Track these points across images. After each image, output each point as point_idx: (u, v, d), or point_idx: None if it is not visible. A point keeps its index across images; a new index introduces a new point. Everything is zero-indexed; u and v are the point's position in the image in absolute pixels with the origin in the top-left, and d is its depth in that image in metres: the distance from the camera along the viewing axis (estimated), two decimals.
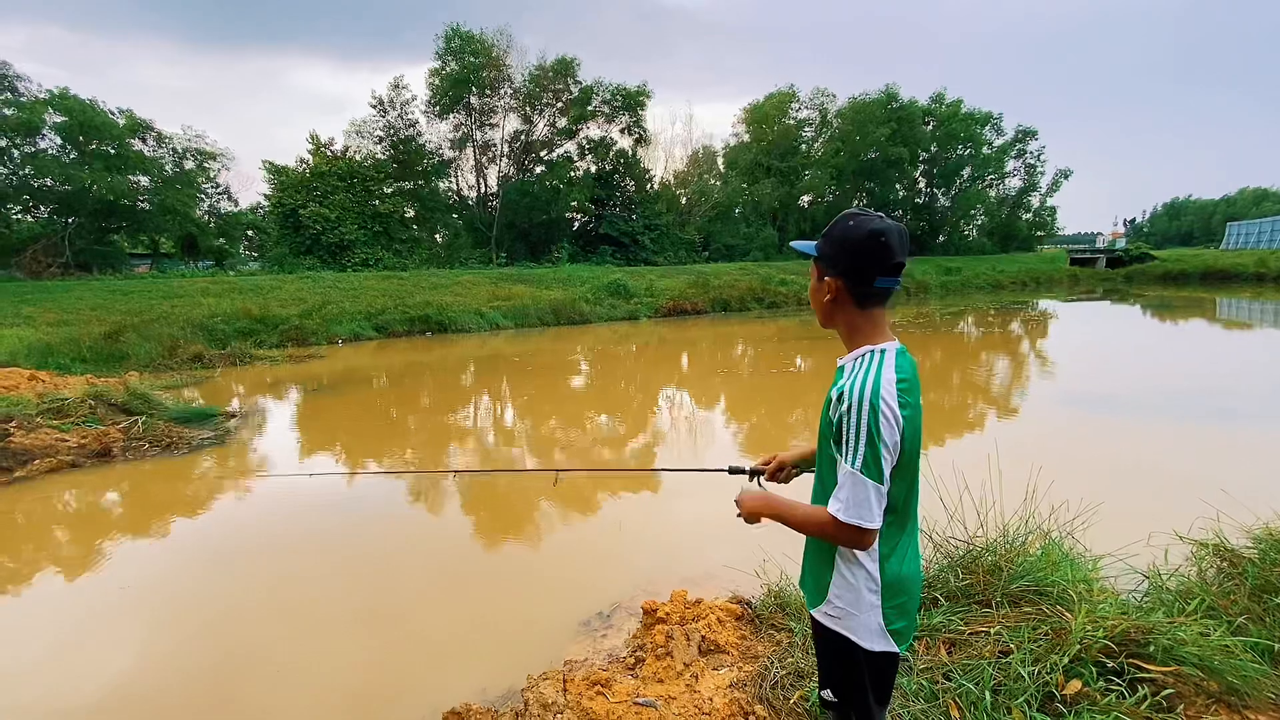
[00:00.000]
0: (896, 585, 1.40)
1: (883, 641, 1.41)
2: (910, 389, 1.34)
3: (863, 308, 1.39)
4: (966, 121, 40.47)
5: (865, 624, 1.40)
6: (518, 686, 2.71)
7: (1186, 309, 22.00)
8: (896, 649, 1.43)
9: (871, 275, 1.34)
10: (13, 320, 13.79)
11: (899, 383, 1.31)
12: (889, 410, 1.28)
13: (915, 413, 1.35)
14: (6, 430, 6.49)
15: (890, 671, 1.49)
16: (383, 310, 17.37)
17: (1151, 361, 12.18)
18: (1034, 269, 37.66)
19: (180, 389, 9.82)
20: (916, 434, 1.37)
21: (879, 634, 1.40)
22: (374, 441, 7.59)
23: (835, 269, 1.38)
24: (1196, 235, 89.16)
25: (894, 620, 1.41)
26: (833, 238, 1.38)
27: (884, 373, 1.32)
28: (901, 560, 1.41)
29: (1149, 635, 2.18)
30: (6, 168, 21.30)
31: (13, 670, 3.18)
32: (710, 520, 4.67)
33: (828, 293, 1.40)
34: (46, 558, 4.53)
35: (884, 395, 1.28)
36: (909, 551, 1.44)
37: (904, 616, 1.43)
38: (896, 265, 1.33)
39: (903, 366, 1.36)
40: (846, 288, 1.37)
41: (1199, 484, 3.79)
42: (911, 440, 1.35)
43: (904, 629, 1.43)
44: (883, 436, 1.27)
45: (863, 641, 1.41)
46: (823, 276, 1.41)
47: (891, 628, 1.41)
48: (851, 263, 1.34)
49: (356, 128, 26.74)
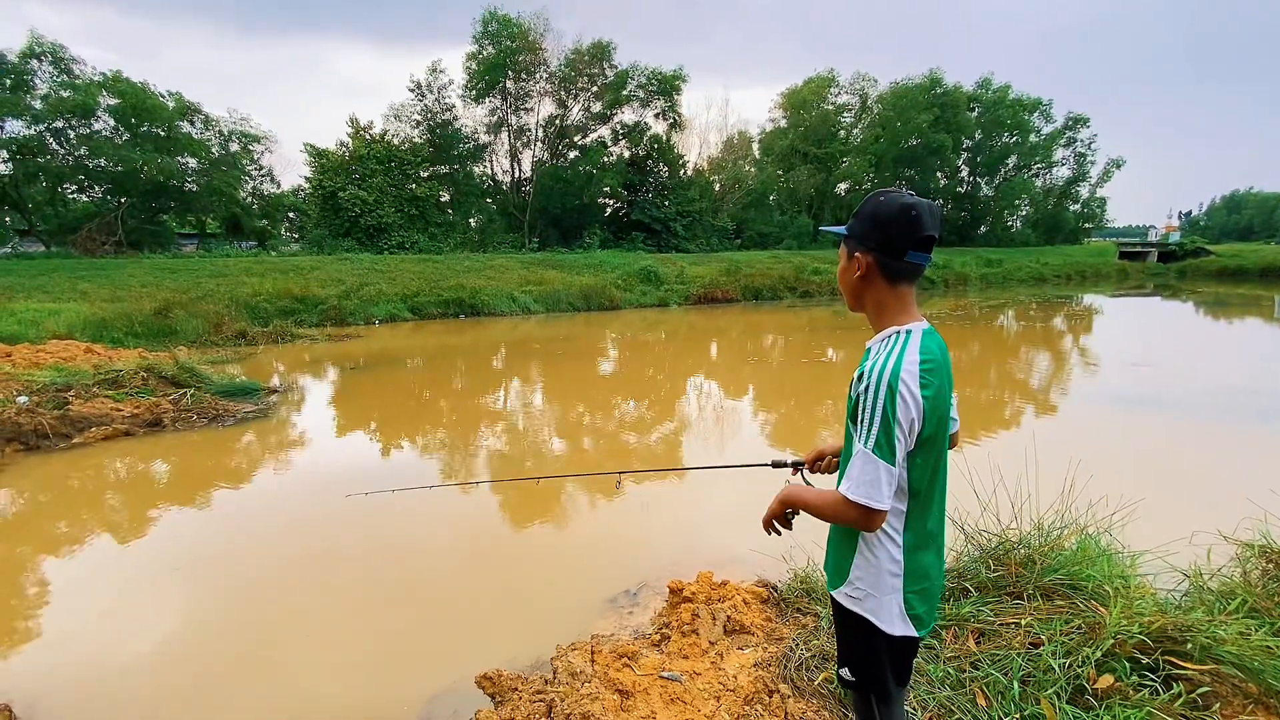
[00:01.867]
0: (919, 570, 1.39)
1: (903, 626, 1.40)
2: (935, 370, 1.32)
3: (893, 284, 1.38)
4: (1014, 108, 39.03)
5: (886, 607, 1.40)
6: (546, 656, 2.79)
7: (1242, 306, 21.03)
8: (917, 634, 1.42)
9: (903, 248, 1.33)
10: (70, 295, 14.44)
11: (923, 364, 1.30)
12: (908, 392, 1.27)
13: (940, 394, 1.33)
14: (65, 399, 6.84)
15: (909, 655, 1.49)
16: (418, 292, 17.69)
17: (1202, 360, 11.71)
18: (1080, 262, 36.38)
19: (224, 364, 10.18)
20: (942, 415, 1.35)
21: (899, 618, 1.40)
22: (410, 421, 7.78)
23: (867, 245, 1.37)
24: (1257, 229, 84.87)
25: (915, 605, 1.40)
26: (864, 215, 1.38)
27: (907, 354, 1.31)
28: (925, 546, 1.40)
29: (1187, 633, 2.14)
30: (64, 148, 22.17)
31: (69, 627, 3.38)
32: (737, 506, 4.69)
33: (858, 269, 1.39)
34: (100, 521, 4.78)
35: (904, 377, 1.27)
36: (933, 537, 1.43)
37: (926, 601, 1.42)
38: (927, 238, 1.33)
39: (929, 347, 1.34)
40: (877, 263, 1.36)
41: (1246, 485, 3.66)
42: (935, 422, 1.33)
43: (925, 614, 1.42)
44: (898, 418, 1.26)
45: (883, 624, 1.40)
46: (853, 254, 1.41)
47: (912, 612, 1.40)
48: (884, 236, 1.34)
49: (395, 111, 27.11)
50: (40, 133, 21.48)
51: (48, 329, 11.15)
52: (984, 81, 39.41)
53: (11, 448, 5.91)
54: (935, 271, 29.34)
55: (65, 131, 21.94)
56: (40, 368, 8.15)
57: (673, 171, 31.83)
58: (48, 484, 5.40)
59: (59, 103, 21.09)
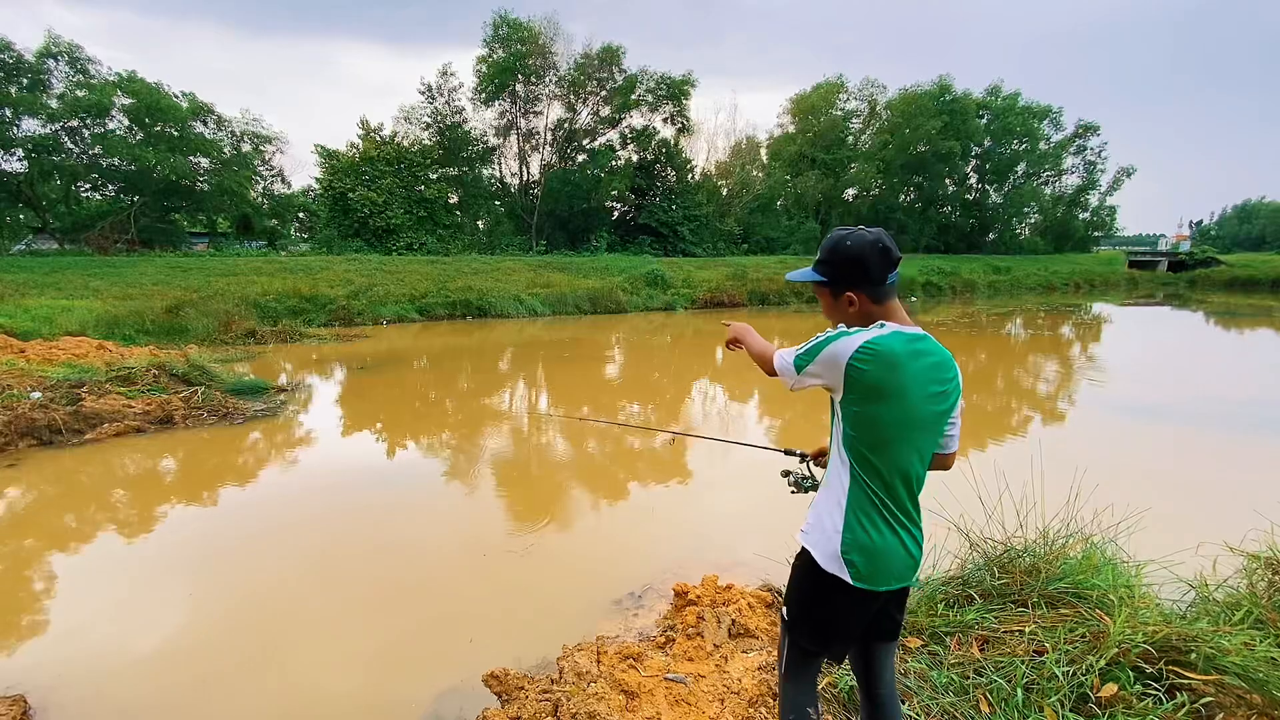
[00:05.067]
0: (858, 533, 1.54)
1: (835, 565, 1.54)
2: (876, 356, 1.47)
3: (881, 303, 1.57)
4: (1023, 115, 38.94)
5: (823, 544, 1.57)
6: (552, 657, 2.81)
7: (1253, 317, 20.89)
8: (849, 579, 1.53)
9: (884, 276, 1.53)
10: (82, 293, 14.60)
11: (867, 344, 1.48)
12: (838, 351, 1.50)
13: (879, 379, 1.47)
14: (78, 395, 6.91)
15: (838, 606, 1.58)
16: (425, 294, 17.79)
17: (1210, 370, 11.64)
18: (1089, 271, 36.24)
19: (234, 363, 10.27)
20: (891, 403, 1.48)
21: (833, 557, 1.55)
22: (417, 420, 7.83)
23: (853, 283, 1.55)
24: (1269, 240, 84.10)
25: (853, 554, 1.53)
26: (839, 261, 1.56)
27: (862, 334, 1.50)
28: (872, 519, 1.54)
29: (1191, 643, 2.14)
30: (78, 147, 22.42)
31: (81, 621, 3.43)
32: (742, 509, 4.71)
33: (851, 305, 1.57)
34: (112, 517, 4.84)
35: (844, 341, 1.50)
36: (880, 525, 1.54)
37: (862, 554, 1.53)
38: (898, 259, 1.55)
39: (888, 341, 1.48)
40: (868, 295, 1.55)
41: (1253, 496, 3.65)
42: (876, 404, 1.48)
43: (861, 565, 1.53)
44: (821, 355, 1.53)
45: (818, 557, 1.57)
46: (840, 295, 1.59)
47: (848, 557, 1.53)
48: (866, 272, 1.53)
49: (405, 114, 27.30)
50: (55, 131, 21.74)
51: (61, 326, 11.28)
52: (993, 88, 39.35)
53: (25, 443, 5.99)
54: (943, 278, 29.29)
55: (80, 130, 22.19)
56: (53, 364, 8.24)
57: (680, 176, 31.88)
58: (60, 479, 5.47)
59: (74, 102, 21.34)
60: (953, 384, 1.57)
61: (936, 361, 1.54)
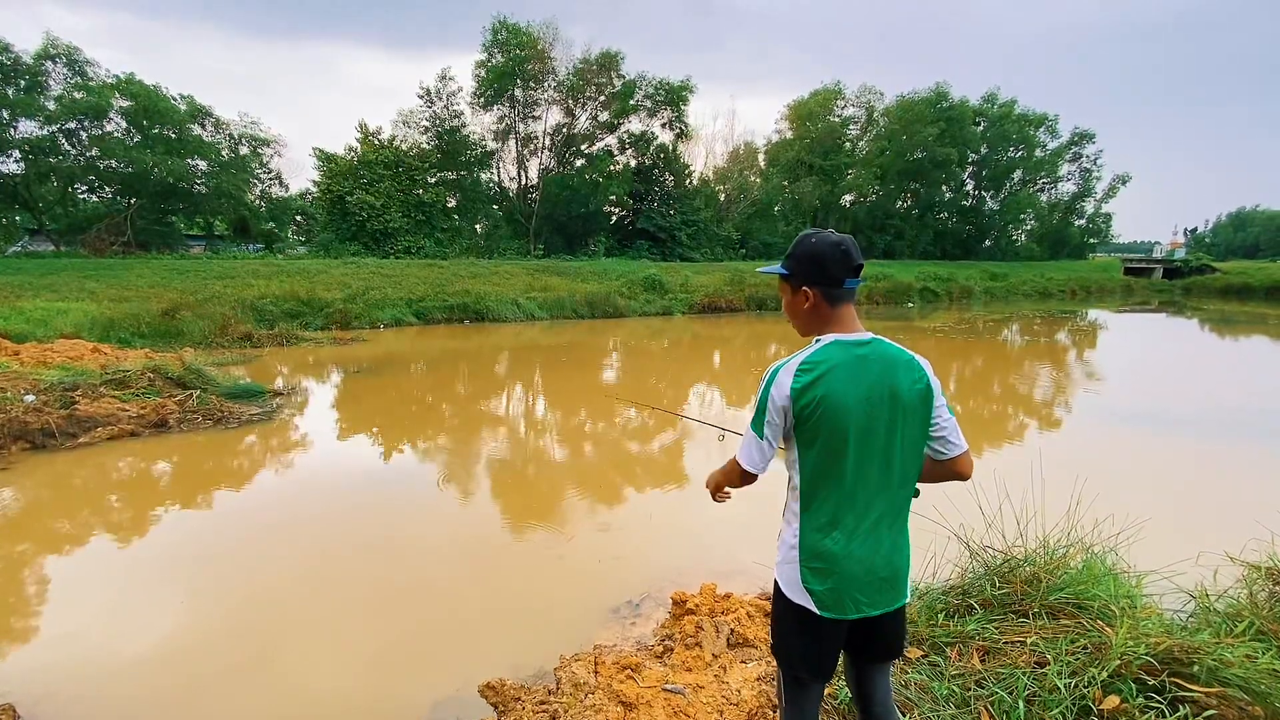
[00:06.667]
0: (815, 552, 1.53)
1: (799, 594, 1.55)
2: (814, 369, 1.49)
3: (834, 306, 1.57)
4: (1020, 123, 39.15)
5: (786, 573, 1.58)
6: (548, 666, 2.78)
7: (1248, 324, 20.97)
8: (814, 609, 1.52)
9: (840, 278, 1.54)
10: (78, 295, 14.53)
11: (803, 364, 1.51)
12: (780, 383, 1.50)
13: (825, 395, 1.47)
14: (72, 398, 6.87)
15: (810, 635, 1.57)
16: (423, 297, 17.75)
17: (1206, 377, 11.67)
18: (1085, 278, 36.38)
19: (230, 366, 10.21)
20: (835, 413, 1.47)
21: (796, 586, 1.55)
22: (415, 424, 7.79)
23: (810, 280, 1.56)
24: (1263, 247, 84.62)
25: (810, 580, 1.53)
26: (802, 257, 1.57)
27: (799, 355, 1.53)
28: (827, 535, 1.52)
29: (1193, 655, 2.13)
30: (75, 149, 22.35)
31: (72, 628, 3.39)
32: (741, 515, 4.67)
33: (805, 301, 1.58)
34: (104, 521, 4.79)
35: (781, 372, 1.51)
36: (842, 532, 1.51)
37: (822, 581, 1.52)
38: (858, 266, 1.55)
39: (825, 352, 1.51)
40: (823, 294, 1.56)
41: (1253, 505, 3.65)
42: (819, 420, 1.47)
43: (824, 594, 1.52)
44: (768, 402, 1.52)
45: (784, 588, 1.58)
46: (798, 289, 1.59)
47: (808, 586, 1.53)
48: (824, 271, 1.54)
49: (404, 117, 27.24)
50: (53, 133, 21.66)
51: (56, 328, 11.22)
52: (990, 95, 39.57)
53: (18, 446, 5.94)
54: (940, 284, 29.38)
55: (77, 132, 22.12)
56: (48, 366, 8.20)
57: (678, 181, 31.94)
58: (53, 483, 5.42)
59: (72, 104, 21.27)
60: (913, 384, 1.51)
61: (887, 364, 1.51)
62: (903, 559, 1.59)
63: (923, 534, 2.76)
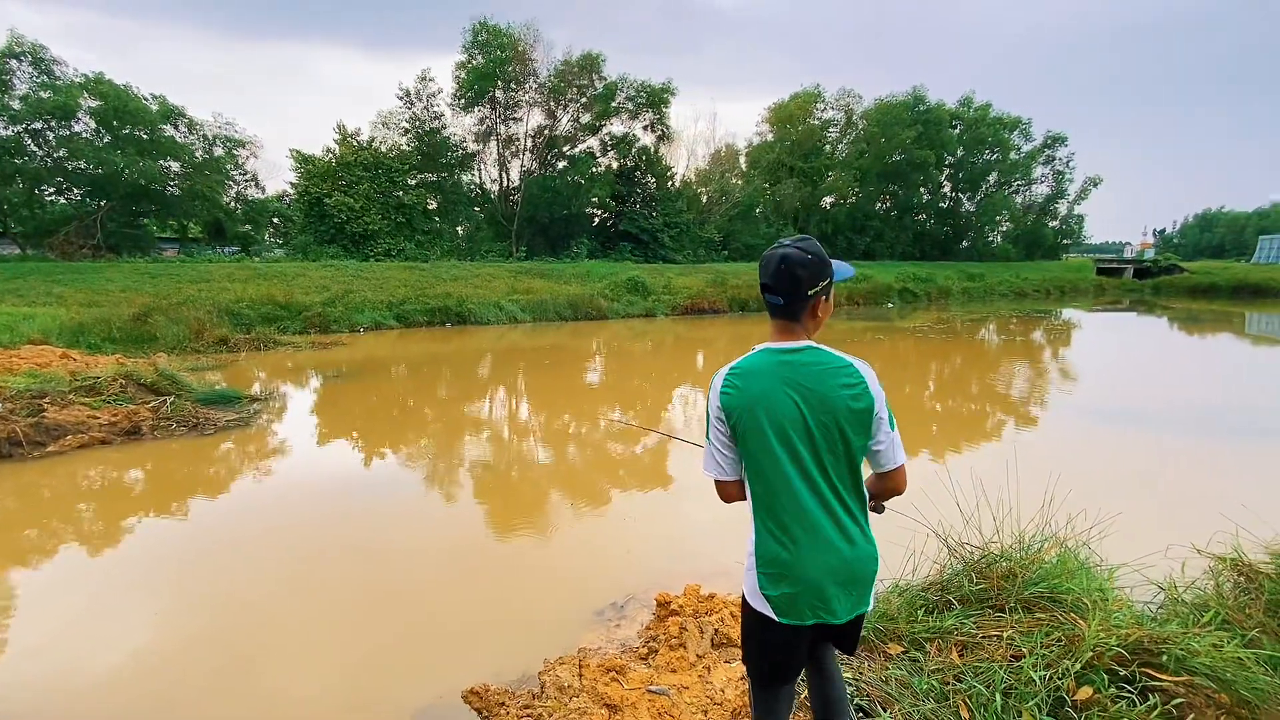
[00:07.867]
0: (768, 559, 1.54)
1: (758, 600, 1.57)
2: (742, 375, 1.53)
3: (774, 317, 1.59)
4: (995, 126, 39.84)
5: (748, 580, 1.60)
6: (533, 671, 2.78)
7: (1214, 323, 21.56)
8: (772, 615, 1.54)
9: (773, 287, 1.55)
10: (45, 300, 14.18)
11: (732, 370, 1.56)
12: (716, 389, 1.56)
13: (751, 400, 1.49)
14: (40, 406, 6.69)
15: (771, 640, 1.59)
16: (404, 300, 17.59)
17: (1175, 375, 11.98)
18: (1059, 278, 37.10)
19: (205, 371, 10.03)
20: (757, 421, 1.49)
21: (755, 592, 1.58)
22: (393, 429, 7.71)
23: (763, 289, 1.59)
24: (1228, 248, 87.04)
25: (765, 585, 1.54)
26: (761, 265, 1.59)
27: (732, 364, 1.58)
28: (777, 541, 1.53)
29: (1162, 645, 2.19)
30: (42, 150, 21.78)
31: (41, 641, 3.31)
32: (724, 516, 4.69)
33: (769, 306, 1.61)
34: (75, 532, 4.68)
35: (717, 379, 1.57)
36: (791, 539, 1.51)
37: (776, 586, 1.53)
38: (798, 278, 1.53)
39: (752, 360, 1.55)
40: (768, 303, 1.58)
41: (1219, 499, 3.75)
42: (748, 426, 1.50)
43: (779, 600, 1.52)
44: (710, 409, 1.59)
45: (746, 594, 1.62)
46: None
47: (765, 592, 1.55)
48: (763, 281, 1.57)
49: (383, 119, 26.99)
50: (18, 134, 21.10)
51: (22, 334, 10.92)
52: (966, 99, 40.19)
53: None
54: (918, 284, 29.81)
55: (44, 133, 21.56)
56: (14, 373, 7.97)
57: (660, 183, 32.01)
58: (21, 493, 5.28)
59: (38, 103, 20.72)
60: (845, 391, 1.48)
61: (818, 371, 1.49)
62: (864, 568, 1.54)
63: (902, 532, 2.81)
